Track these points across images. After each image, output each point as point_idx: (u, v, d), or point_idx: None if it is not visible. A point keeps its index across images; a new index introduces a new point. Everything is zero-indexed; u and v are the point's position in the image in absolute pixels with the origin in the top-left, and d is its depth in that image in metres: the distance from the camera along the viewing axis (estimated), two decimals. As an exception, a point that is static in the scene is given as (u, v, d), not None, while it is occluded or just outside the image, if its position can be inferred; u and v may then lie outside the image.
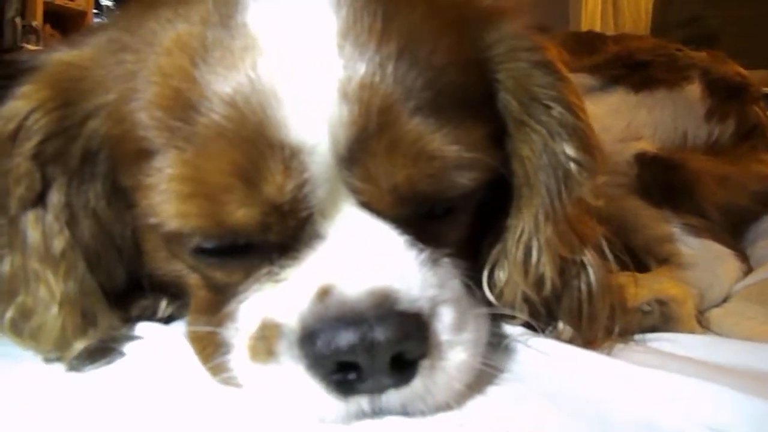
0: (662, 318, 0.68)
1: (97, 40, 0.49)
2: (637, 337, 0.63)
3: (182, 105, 0.43)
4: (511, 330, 0.55)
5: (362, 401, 0.43)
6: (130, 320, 0.54)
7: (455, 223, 0.52)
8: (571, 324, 0.57)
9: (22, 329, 0.51)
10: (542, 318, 0.55)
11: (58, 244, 0.50)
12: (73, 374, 0.50)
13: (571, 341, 0.55)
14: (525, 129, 0.53)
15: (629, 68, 1.00)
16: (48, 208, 0.50)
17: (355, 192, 0.45)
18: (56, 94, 0.48)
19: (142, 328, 0.54)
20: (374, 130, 0.43)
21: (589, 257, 0.57)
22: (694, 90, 0.99)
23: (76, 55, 0.49)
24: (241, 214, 0.43)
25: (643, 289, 0.69)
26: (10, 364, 0.51)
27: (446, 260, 0.48)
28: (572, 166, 0.53)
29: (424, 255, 0.46)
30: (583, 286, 0.57)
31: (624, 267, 0.64)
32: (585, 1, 2.44)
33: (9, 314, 0.51)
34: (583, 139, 0.53)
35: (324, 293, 0.43)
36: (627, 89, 0.98)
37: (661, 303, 0.68)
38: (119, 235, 0.53)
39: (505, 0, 0.56)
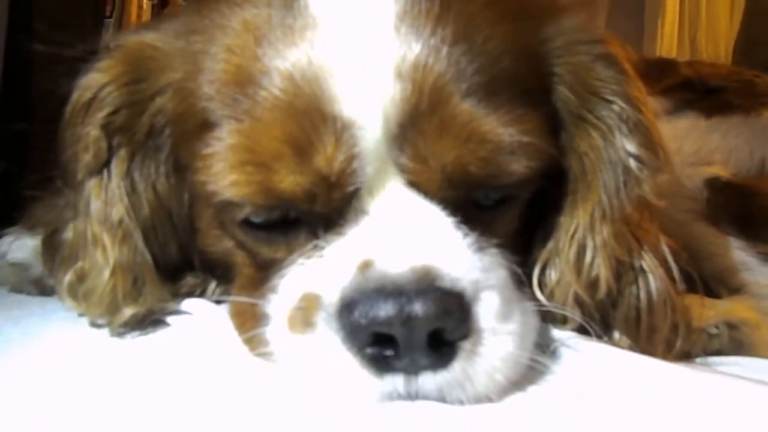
0: (732, 343, 0.62)
1: (171, 24, 0.53)
2: (699, 359, 0.58)
3: (244, 79, 0.45)
4: (561, 334, 0.52)
5: (397, 381, 0.42)
6: (180, 296, 0.56)
7: (506, 214, 0.51)
8: (627, 334, 0.54)
9: (78, 292, 0.53)
10: (596, 323, 0.52)
11: (117, 211, 0.52)
12: (116, 340, 0.52)
13: None
14: (583, 124, 0.52)
15: (701, 93, 0.96)
16: (111, 177, 0.53)
17: (404, 171, 0.45)
18: (129, 70, 0.52)
19: (190, 303, 0.55)
20: (426, 110, 0.44)
21: (648, 263, 0.54)
22: (772, 116, 0.93)
23: (151, 37, 0.52)
24: (290, 181, 0.44)
25: (710, 310, 0.64)
26: (59, 327, 0.54)
27: (494, 250, 0.47)
28: (633, 162, 0.51)
29: (470, 238, 0.45)
30: (642, 294, 0.53)
31: (691, 289, 0.60)
32: (661, 29, 2.40)
33: (68, 278, 0.54)
34: (646, 134, 0.51)
35: (365, 266, 0.42)
36: (698, 114, 0.94)
37: (731, 326, 0.63)
38: (176, 211, 0.55)
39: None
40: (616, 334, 0.54)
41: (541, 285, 0.53)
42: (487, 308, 0.43)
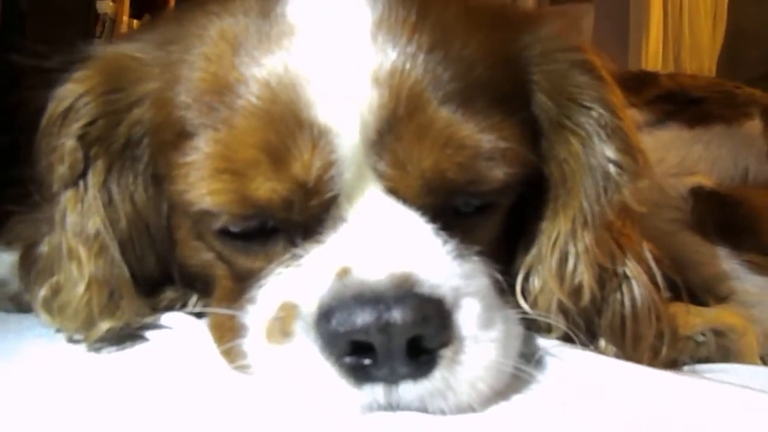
0: (719, 350, 0.62)
1: (149, 35, 0.53)
2: (687, 367, 0.58)
3: (221, 88, 0.45)
4: (546, 342, 0.52)
5: (377, 391, 0.41)
6: (159, 310, 0.55)
7: (487, 221, 0.50)
8: (613, 342, 0.53)
9: (53, 306, 0.52)
10: (581, 331, 0.52)
11: (93, 223, 0.52)
12: (94, 356, 0.51)
13: None
14: (562, 131, 0.52)
15: (683, 104, 0.97)
16: (88, 188, 0.52)
17: (382, 177, 0.45)
18: (106, 80, 0.51)
19: (169, 317, 0.54)
20: (403, 116, 0.44)
21: (632, 269, 0.53)
22: (754, 126, 0.94)
23: (129, 47, 0.52)
24: (267, 189, 0.43)
25: (696, 317, 0.64)
26: (35, 343, 0.52)
27: (475, 258, 0.47)
28: (612, 168, 0.51)
29: (450, 245, 0.45)
30: (626, 300, 0.53)
31: (677, 297, 0.60)
32: (646, 47, 2.44)
33: (43, 292, 0.53)
34: (624, 140, 0.52)
35: (343, 273, 0.42)
36: (681, 125, 0.95)
37: (718, 333, 0.63)
38: (154, 223, 0.54)
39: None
40: (602, 342, 0.53)
41: (525, 293, 0.53)
42: (468, 315, 0.43)
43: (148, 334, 0.53)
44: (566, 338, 0.53)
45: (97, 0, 1.83)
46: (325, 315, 0.41)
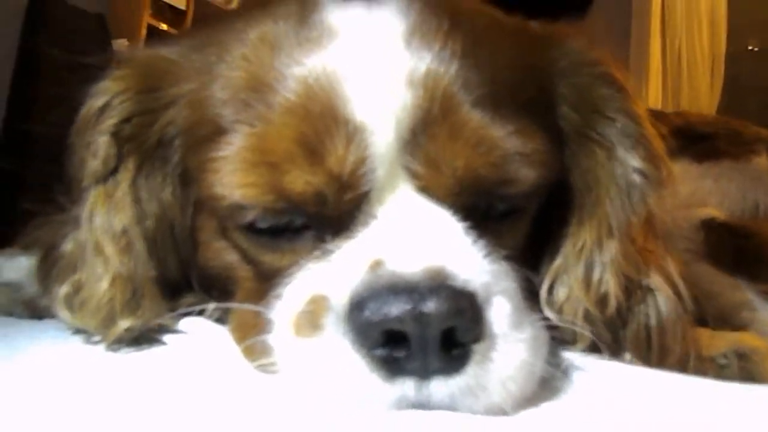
0: (742, 373, 0.61)
1: (186, 40, 0.54)
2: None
3: (259, 86, 0.46)
4: (572, 354, 0.51)
5: (408, 386, 0.40)
6: (178, 314, 0.54)
7: (514, 227, 0.51)
8: (638, 355, 0.52)
9: (73, 303, 0.51)
10: (607, 342, 0.51)
11: (121, 220, 0.52)
12: (109, 357, 0.49)
13: None
14: (587, 142, 0.53)
15: (691, 140, 0.99)
16: (118, 185, 0.52)
17: (414, 176, 0.45)
18: (142, 81, 0.52)
19: (188, 322, 0.53)
20: (437, 116, 0.45)
21: (657, 283, 0.53)
22: (762, 162, 0.96)
23: (166, 50, 0.53)
24: (301, 182, 0.44)
25: (719, 339, 0.63)
26: (48, 346, 0.51)
27: (503, 262, 0.47)
28: (637, 177, 0.52)
29: (480, 245, 0.45)
30: (652, 312, 0.53)
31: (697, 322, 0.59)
32: (646, 94, 2.50)
33: (64, 289, 0.52)
34: (648, 148, 0.52)
35: (376, 266, 0.42)
36: (689, 159, 0.96)
37: (741, 356, 0.62)
38: (179, 225, 0.54)
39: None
40: (627, 357, 0.52)
41: (550, 303, 0.53)
42: (499, 314, 0.42)
43: (166, 337, 0.52)
44: (591, 350, 0.52)
45: (113, 39, 1.89)
46: (357, 305, 0.40)
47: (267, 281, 0.48)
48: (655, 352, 0.52)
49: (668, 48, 2.28)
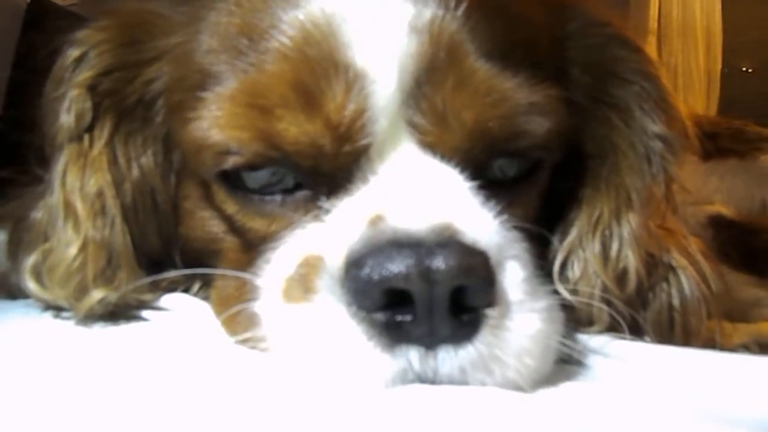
0: (765, 364, 0.57)
1: None
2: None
3: (252, 32, 0.42)
4: (588, 338, 0.47)
5: (412, 355, 0.35)
6: (159, 291, 0.49)
7: (525, 195, 0.47)
8: (660, 338, 0.48)
9: (42, 272, 0.47)
10: (626, 321, 0.47)
11: (96, 181, 0.47)
12: (81, 333, 0.44)
13: None
14: (601, 106, 0.50)
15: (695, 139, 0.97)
16: (93, 144, 0.48)
17: (419, 131, 0.41)
18: (124, 33, 0.48)
19: (170, 298, 0.49)
20: (443, 65, 0.41)
21: (679, 261, 0.49)
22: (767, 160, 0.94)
23: (152, 4, 0.50)
24: (295, 129, 0.40)
25: (739, 331, 0.60)
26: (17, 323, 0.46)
27: (514, 231, 0.43)
28: (657, 143, 0.48)
29: (491, 206, 0.41)
30: (674, 292, 0.49)
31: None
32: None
33: (32, 258, 0.47)
34: (669, 111, 0.49)
35: (377, 221, 0.38)
36: (695, 157, 0.94)
37: (762, 346, 0.58)
38: (160, 193, 0.50)
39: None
40: (648, 340, 0.48)
41: (563, 281, 0.49)
42: (513, 279, 0.38)
43: (146, 314, 0.47)
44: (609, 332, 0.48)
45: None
46: (355, 264, 0.36)
47: (254, 250, 0.44)
48: (678, 334, 0.48)
49: (664, 65, 2.29)
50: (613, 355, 0.44)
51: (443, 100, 0.41)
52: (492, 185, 0.43)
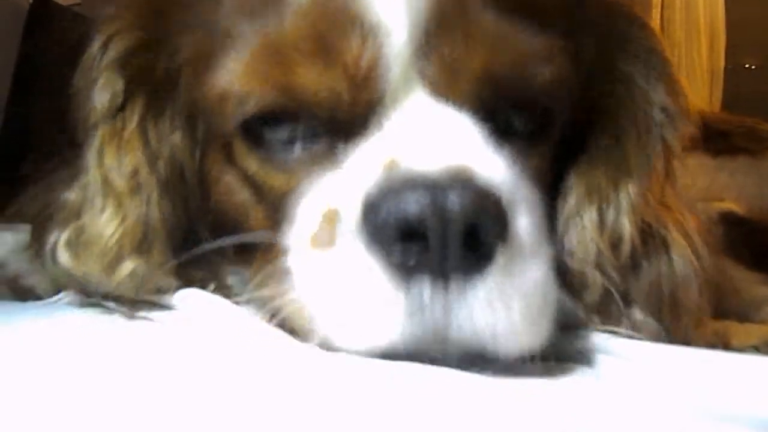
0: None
1: None
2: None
3: None
4: (588, 336, 0.47)
5: (425, 289, 0.37)
6: (183, 278, 0.49)
7: (534, 149, 0.47)
8: (649, 310, 0.48)
9: (78, 244, 0.48)
10: (619, 290, 0.47)
11: (131, 160, 0.48)
12: (97, 329, 0.44)
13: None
14: (605, 76, 0.50)
15: (706, 136, 0.96)
16: (126, 124, 0.49)
17: (429, 81, 0.43)
18: (146, 9, 0.50)
19: (188, 294, 0.48)
20: (452, 16, 0.42)
21: (674, 236, 0.50)
22: (780, 158, 0.93)
23: None
24: (314, 81, 0.42)
25: (750, 332, 0.60)
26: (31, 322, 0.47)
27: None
28: (659, 114, 0.49)
29: (503, 153, 0.42)
30: (667, 266, 0.49)
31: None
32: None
33: (66, 234, 0.48)
34: (670, 83, 0.50)
35: (391, 165, 0.39)
36: (705, 154, 0.93)
37: (773, 346, 0.58)
38: (189, 169, 0.51)
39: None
40: (637, 314, 0.48)
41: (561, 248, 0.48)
42: (524, 224, 0.39)
43: (160, 309, 0.47)
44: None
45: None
46: (371, 208, 0.37)
47: (278, 212, 0.45)
48: (667, 307, 0.48)
49: (669, 60, 2.29)
50: (614, 353, 0.44)
51: (452, 50, 0.42)
52: (504, 137, 0.44)
